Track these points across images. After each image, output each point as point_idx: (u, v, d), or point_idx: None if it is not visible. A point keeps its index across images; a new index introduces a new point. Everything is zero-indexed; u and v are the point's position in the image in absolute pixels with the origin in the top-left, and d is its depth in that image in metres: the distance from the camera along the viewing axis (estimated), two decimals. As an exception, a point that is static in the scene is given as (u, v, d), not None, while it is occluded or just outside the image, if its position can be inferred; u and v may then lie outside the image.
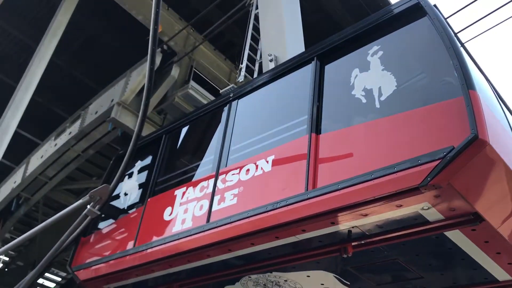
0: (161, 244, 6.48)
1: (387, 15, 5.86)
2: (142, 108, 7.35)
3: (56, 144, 16.82)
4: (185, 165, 7.55)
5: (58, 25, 16.43)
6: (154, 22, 7.02)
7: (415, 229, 5.11)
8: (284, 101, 6.63)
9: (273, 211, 5.37)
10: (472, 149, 4.34)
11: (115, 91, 15.88)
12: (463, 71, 4.73)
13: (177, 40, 16.84)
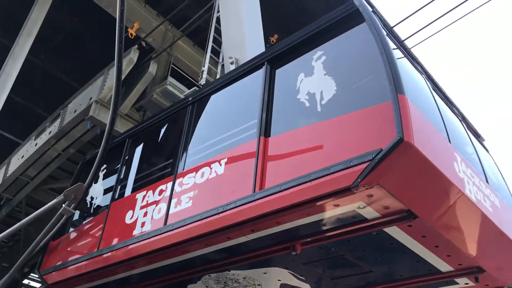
0: (122, 246, 6.88)
1: (330, 21, 6.23)
2: (112, 107, 7.69)
3: (37, 144, 17.10)
4: (146, 169, 7.92)
5: (33, 23, 16.60)
6: (120, 21, 7.41)
7: (355, 226, 5.53)
8: (238, 105, 7.02)
9: (224, 213, 5.76)
10: (399, 151, 4.72)
11: (93, 89, 16.15)
12: (393, 76, 5.11)
13: (155, 36, 17.12)
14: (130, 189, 7.77)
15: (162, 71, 17.10)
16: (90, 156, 9.92)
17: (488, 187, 6.09)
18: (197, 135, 7.20)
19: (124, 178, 8.08)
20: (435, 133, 5.47)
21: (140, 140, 8.43)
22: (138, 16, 16.71)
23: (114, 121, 7.77)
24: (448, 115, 6.57)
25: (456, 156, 5.55)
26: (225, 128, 6.73)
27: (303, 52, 6.37)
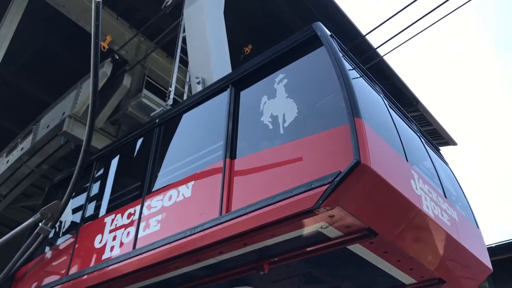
0: (92, 271, 7.18)
1: (291, 44, 6.65)
2: (88, 122, 7.94)
3: (8, 161, 17.29)
4: (115, 192, 8.22)
5: (3, 37, 16.81)
6: (95, 36, 7.47)
7: (319, 245, 5.93)
8: (205, 127, 7.39)
9: (191, 236, 6.11)
10: (356, 173, 5.12)
11: (66, 103, 16.39)
12: (349, 100, 5.52)
13: (128, 49, 17.40)
14: (98, 212, 8.07)
15: (136, 84, 17.36)
16: (58, 179, 10.19)
17: (446, 201, 6.55)
18: (165, 157, 7.55)
19: (92, 201, 8.37)
20: (392, 152, 5.89)
21: (108, 163, 8.72)
22: (110, 29, 16.98)
23: (91, 136, 7.99)
24: (406, 133, 7.02)
25: (413, 174, 5.98)
26: (192, 150, 7.10)
27: (266, 74, 6.76)
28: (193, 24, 10.11)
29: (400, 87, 19.60)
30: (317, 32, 6.31)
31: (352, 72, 6.13)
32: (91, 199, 8.45)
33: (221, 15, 10.14)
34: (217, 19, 9.95)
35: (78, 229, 8.25)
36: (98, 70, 7.91)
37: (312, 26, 6.44)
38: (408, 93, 19.83)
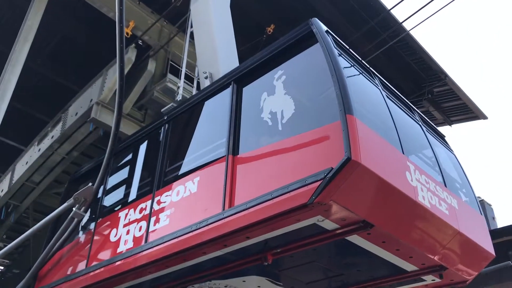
0: (108, 264, 7.72)
1: (289, 41, 6.93)
2: (116, 107, 8.20)
3: (40, 149, 18.03)
4: (128, 187, 8.71)
5: (29, 29, 17.32)
6: (119, 21, 7.75)
7: (317, 237, 6.29)
8: (209, 123, 7.79)
9: (197, 231, 6.55)
10: (347, 169, 5.44)
11: (93, 90, 16.94)
12: (342, 97, 5.80)
13: (151, 34, 17.84)
14: (113, 207, 8.60)
15: (160, 69, 17.82)
16: (78, 173, 10.75)
17: (446, 190, 6.79)
18: (173, 153, 7.99)
19: (107, 197, 8.88)
20: (386, 146, 6.16)
21: (121, 159, 9.20)
22: (133, 15, 17.40)
23: (119, 121, 8.28)
24: (405, 124, 7.25)
25: (409, 166, 6.25)
26: (198, 146, 7.52)
27: (266, 71, 7.08)
28: (200, 19, 10.42)
29: (427, 61, 19.56)
30: (312, 28, 6.56)
31: (348, 67, 6.39)
32: (105, 195, 8.94)
33: (228, 9, 10.41)
34: (223, 13, 10.22)
35: (95, 223, 8.77)
36: (124, 55, 8.16)
37: (309, 22, 6.70)
38: (435, 67, 19.76)
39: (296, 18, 18.81)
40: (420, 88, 20.55)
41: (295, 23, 18.14)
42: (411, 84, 20.65)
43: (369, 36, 18.24)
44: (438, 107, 21.31)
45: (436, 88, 20.42)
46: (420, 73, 20.13)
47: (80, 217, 8.62)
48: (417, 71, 20.07)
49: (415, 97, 20.66)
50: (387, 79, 19.64)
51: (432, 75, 20.06)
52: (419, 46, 19.25)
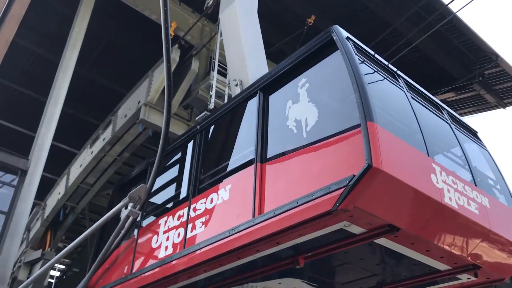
0: (150, 270, 8.14)
1: (312, 48, 7.09)
2: (165, 107, 8.38)
3: (93, 152, 18.86)
4: (167, 195, 9.11)
5: (76, 36, 17.98)
6: (165, 21, 7.97)
7: (346, 241, 6.47)
8: (239, 132, 8.05)
9: (230, 237, 6.85)
10: (369, 176, 5.59)
11: (140, 92, 17.55)
12: (362, 104, 5.93)
13: (193, 33, 18.26)
14: (153, 215, 9.03)
15: (204, 67, 18.24)
16: (121, 182, 11.28)
17: (476, 189, 6.83)
18: (206, 161, 8.32)
19: (148, 205, 9.32)
20: (410, 150, 6.25)
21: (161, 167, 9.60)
22: (174, 16, 17.81)
23: (169, 120, 8.49)
24: (431, 125, 7.29)
25: (434, 168, 6.33)
26: (229, 154, 7.82)
27: (290, 79, 7.29)
28: (228, 28, 10.68)
29: (476, 42, 19.12)
30: (333, 36, 6.71)
31: (370, 73, 6.51)
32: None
33: (255, 16, 10.62)
34: (251, 21, 10.43)
35: (138, 230, 9.24)
36: (171, 55, 8.37)
37: (329, 29, 6.85)
38: (485, 48, 19.29)
39: (336, 6, 18.87)
40: (470, 71, 20.12)
41: (334, 12, 18.21)
42: (460, 67, 20.27)
43: (414, 20, 18.05)
44: (490, 89, 20.81)
45: (487, 70, 19.93)
46: (469, 56, 19.70)
47: (136, 216, 8.95)
48: (466, 53, 19.66)
49: (465, 80, 20.30)
50: (434, 63, 19.51)
51: (482, 57, 19.60)
52: (467, 28, 18.85)
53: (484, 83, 20.48)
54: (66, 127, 19.79)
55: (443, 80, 20.70)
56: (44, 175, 15.07)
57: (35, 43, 20.36)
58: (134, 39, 20.17)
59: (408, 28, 18.32)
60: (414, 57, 20.10)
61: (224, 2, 11.15)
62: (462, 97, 21.57)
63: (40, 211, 21.96)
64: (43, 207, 21.74)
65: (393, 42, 18.52)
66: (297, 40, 18.32)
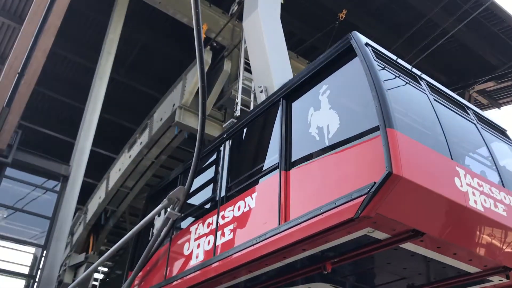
0: (183, 276, 8.38)
1: (332, 55, 7.17)
2: (200, 109, 8.54)
3: (131, 156, 19.33)
4: (195, 203, 9.34)
5: (111, 43, 18.46)
6: (197, 23, 8.12)
7: (371, 246, 6.54)
8: (264, 139, 8.20)
9: (257, 244, 7.00)
10: (389, 183, 5.65)
11: (174, 95, 17.90)
12: (382, 111, 6.00)
13: (224, 35, 18.51)
14: (185, 222, 9.28)
15: (236, 68, 18.38)
16: (154, 190, 11.58)
17: (504, 190, 6.79)
18: (233, 169, 8.50)
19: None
20: (432, 155, 6.27)
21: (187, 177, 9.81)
22: (205, 18, 18.03)
23: (204, 122, 8.65)
24: (456, 127, 7.27)
25: (458, 171, 6.33)
26: (254, 162, 7.98)
27: (312, 86, 7.39)
28: (251, 35, 10.80)
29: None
30: (351, 42, 6.78)
31: (390, 79, 6.55)
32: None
33: (279, 22, 10.71)
34: (274, 28, 10.52)
35: (171, 237, 9.51)
36: (203, 57, 8.52)
37: (348, 36, 6.92)
38: (528, 35, 18.94)
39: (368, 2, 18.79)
40: (510, 59, 19.78)
41: (367, 5, 18.11)
42: (500, 55, 19.95)
43: (449, 9, 17.86)
44: (533, 79, 20.43)
45: (529, 59, 19.58)
46: (510, 43, 19.35)
47: (175, 217, 9.16)
48: (506, 40, 19.30)
49: (505, 68, 19.95)
50: (473, 52, 19.21)
51: (525, 44, 19.27)
52: (506, 14, 18.53)
53: (527, 72, 20.12)
54: (104, 132, 20.41)
55: (482, 69, 20.38)
56: (85, 180, 15.51)
57: (71, 52, 20.93)
58: (167, 43, 20.58)
59: (444, 18, 18.15)
60: (451, 47, 19.89)
61: (247, 10, 11.32)
62: (503, 86, 21.21)
63: (82, 216, 22.65)
64: (85, 212, 22.42)
65: (429, 33, 18.44)
66: (329, 35, 18.34)
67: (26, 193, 14.65)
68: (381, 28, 19.67)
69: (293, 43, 20.47)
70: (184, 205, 9.30)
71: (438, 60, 20.25)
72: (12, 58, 13.37)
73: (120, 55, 18.95)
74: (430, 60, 19.40)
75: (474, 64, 20.46)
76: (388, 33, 19.65)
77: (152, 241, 9.62)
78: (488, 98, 22.10)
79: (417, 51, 18.61)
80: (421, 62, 18.24)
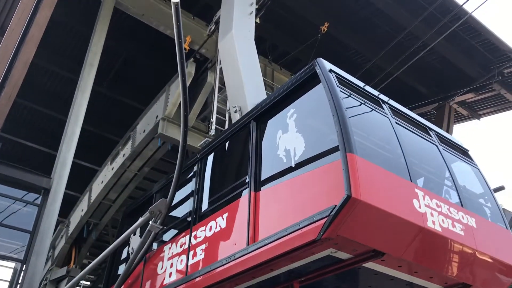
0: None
1: (299, 80, 7.55)
2: (182, 121, 8.59)
3: (113, 168, 19.51)
4: (169, 223, 9.65)
5: (93, 55, 18.57)
6: (178, 36, 8.07)
7: (335, 266, 6.92)
8: (236, 160, 8.56)
9: (227, 264, 7.35)
10: (349, 206, 6.02)
11: (157, 107, 18.16)
12: (342, 136, 6.37)
13: (208, 47, 18.78)
14: (159, 241, 9.59)
15: (220, 79, 18.74)
16: (130, 208, 11.89)
17: (462, 210, 7.18)
18: (206, 189, 8.85)
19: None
20: (391, 178, 6.65)
21: (164, 196, 10.10)
22: (189, 30, 18.37)
23: (186, 134, 8.72)
24: (416, 149, 7.66)
25: (417, 193, 6.72)
26: (225, 182, 8.33)
27: (280, 109, 7.77)
28: (226, 56, 11.21)
29: (494, 42, 19.29)
30: (316, 69, 7.15)
31: (352, 105, 6.94)
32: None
33: (252, 44, 11.15)
34: (248, 49, 10.95)
35: (145, 256, 9.81)
36: (185, 69, 8.60)
37: (313, 62, 7.29)
38: (504, 47, 19.44)
39: (349, 12, 19.20)
40: (489, 71, 20.28)
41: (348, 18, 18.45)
42: (478, 67, 20.45)
43: (428, 22, 18.27)
44: (510, 88, 20.92)
45: (507, 69, 20.05)
46: (487, 55, 19.87)
47: (157, 230, 9.27)
48: (484, 53, 19.80)
49: (484, 80, 20.45)
50: (452, 65, 19.68)
51: (501, 56, 19.77)
52: (483, 28, 19.02)
53: (504, 82, 20.64)
54: (86, 144, 20.56)
55: (462, 81, 20.88)
56: (66, 192, 15.58)
57: (54, 63, 21.16)
58: (150, 55, 20.87)
59: (424, 31, 18.56)
60: (431, 59, 20.35)
61: (222, 31, 11.73)
62: (482, 97, 21.73)
63: (64, 229, 22.78)
64: (67, 225, 22.55)
65: (409, 45, 18.87)
66: (312, 47, 18.75)
67: (6, 206, 14.67)
68: (362, 40, 20.13)
69: (276, 55, 20.91)
70: (166, 218, 9.50)
71: (418, 72, 20.72)
72: (-8, 69, 13.55)
73: (103, 67, 19.22)
74: (411, 72, 19.82)
75: (454, 76, 20.95)
76: (369, 45, 20.09)
77: (134, 254, 9.84)
78: (468, 110, 22.60)
79: (397, 63, 19.02)
80: (402, 74, 18.65)
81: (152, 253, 9.78)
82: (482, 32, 19.04)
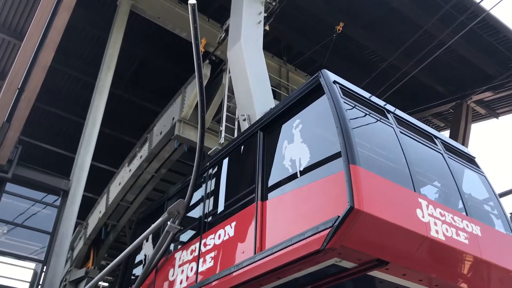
0: None
1: (304, 91, 7.73)
2: (199, 122, 8.75)
3: (131, 170, 19.85)
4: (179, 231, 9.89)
5: (110, 58, 18.88)
6: (195, 38, 8.30)
7: (340, 274, 7.09)
8: (244, 169, 8.77)
9: (235, 272, 7.57)
10: (351, 217, 6.19)
11: (174, 109, 18.44)
12: (346, 147, 6.55)
13: (223, 48, 18.95)
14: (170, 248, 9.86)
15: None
16: (142, 215, 12.17)
17: (466, 219, 7.30)
18: (215, 197, 9.08)
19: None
20: (394, 188, 6.80)
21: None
22: (204, 32, 18.58)
23: (203, 135, 8.84)
24: (421, 158, 7.79)
25: (420, 202, 6.86)
26: (234, 191, 8.55)
27: (286, 120, 7.97)
28: (235, 65, 11.42)
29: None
30: (320, 80, 7.33)
31: (356, 116, 7.10)
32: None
33: (261, 52, 11.36)
34: (256, 58, 11.15)
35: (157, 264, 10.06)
36: (202, 70, 8.70)
37: (318, 73, 7.47)
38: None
39: (364, 12, 19.25)
40: (507, 69, 20.19)
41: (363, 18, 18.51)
42: (496, 65, 20.34)
43: (445, 20, 18.24)
44: (530, 87, 20.80)
45: (526, 69, 19.96)
46: (506, 53, 19.75)
47: (175, 230, 9.41)
48: (502, 51, 19.69)
49: (502, 78, 20.34)
50: (470, 63, 19.61)
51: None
52: (501, 25, 18.91)
53: (524, 80, 20.50)
54: (104, 147, 20.94)
55: (479, 79, 20.80)
56: (85, 194, 15.91)
57: (71, 67, 21.58)
58: (166, 57, 21.18)
59: (440, 29, 18.51)
60: (448, 57, 20.31)
61: (231, 41, 11.93)
62: (501, 95, 21.59)
63: (82, 230, 23.20)
64: (85, 226, 22.97)
65: (426, 44, 18.84)
66: (327, 48, 18.85)
67: (26, 208, 15.00)
68: (377, 40, 20.16)
69: (291, 56, 21.03)
70: (183, 218, 9.55)
71: (435, 71, 20.69)
72: (12, 74, 13.82)
73: (120, 70, 19.52)
74: (427, 71, 19.82)
75: (471, 74, 20.87)
76: (385, 45, 20.12)
77: (152, 256, 9.99)
78: (486, 108, 22.49)
79: (414, 63, 19.02)
80: (418, 73, 18.64)
81: (164, 260, 10.03)
82: (500, 30, 18.93)
